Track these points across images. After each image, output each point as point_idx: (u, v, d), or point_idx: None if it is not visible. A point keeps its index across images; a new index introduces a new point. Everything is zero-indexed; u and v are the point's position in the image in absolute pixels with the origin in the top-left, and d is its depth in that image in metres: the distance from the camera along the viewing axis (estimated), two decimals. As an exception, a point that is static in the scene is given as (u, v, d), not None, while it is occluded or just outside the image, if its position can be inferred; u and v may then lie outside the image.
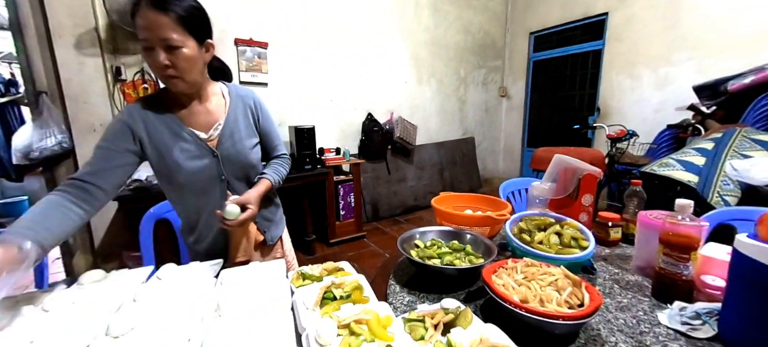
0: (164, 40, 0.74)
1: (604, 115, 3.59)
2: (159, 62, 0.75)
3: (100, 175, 0.78)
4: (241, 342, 0.52)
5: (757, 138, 1.85)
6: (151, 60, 0.76)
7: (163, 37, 0.73)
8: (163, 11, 0.72)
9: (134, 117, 0.83)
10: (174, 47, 0.75)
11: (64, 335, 0.56)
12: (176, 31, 0.74)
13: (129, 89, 2.29)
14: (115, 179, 0.80)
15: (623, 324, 0.65)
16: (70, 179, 0.76)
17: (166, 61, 0.75)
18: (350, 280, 0.70)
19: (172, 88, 0.82)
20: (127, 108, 0.85)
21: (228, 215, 0.81)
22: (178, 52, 0.76)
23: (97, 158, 0.79)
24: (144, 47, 0.76)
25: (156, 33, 0.73)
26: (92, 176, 0.77)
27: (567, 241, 0.85)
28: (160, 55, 0.75)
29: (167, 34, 0.73)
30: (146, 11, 0.72)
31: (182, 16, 0.75)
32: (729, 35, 2.69)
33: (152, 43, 0.74)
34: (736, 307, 0.58)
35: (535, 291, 0.63)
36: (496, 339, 0.53)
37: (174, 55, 0.76)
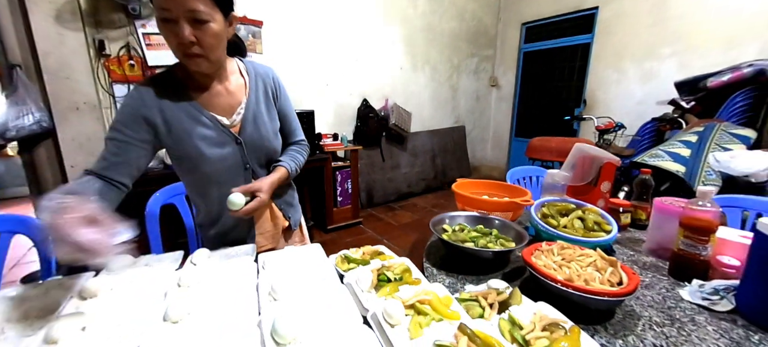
0: (191, 13, 0.64)
1: (590, 106, 3.74)
2: (183, 38, 0.65)
3: (115, 169, 0.71)
4: (309, 323, 0.52)
5: (735, 132, 2.00)
6: (171, 35, 0.66)
7: (190, 8, 0.64)
8: None
9: (147, 103, 0.74)
10: (201, 21, 0.66)
11: (117, 322, 0.54)
12: (204, 2, 0.65)
13: (113, 64, 2.14)
14: (132, 170, 0.74)
15: (652, 300, 0.70)
16: (88, 173, 0.70)
17: (192, 37, 0.66)
18: (398, 263, 0.71)
19: (193, 67, 0.72)
20: (139, 91, 0.75)
21: (231, 205, 0.74)
22: (205, 27, 0.67)
23: (110, 150, 0.72)
24: (163, 19, 0.65)
25: (182, 4, 0.63)
26: (109, 170, 0.71)
27: (590, 225, 0.90)
28: (184, 30, 0.65)
29: (194, 4, 0.64)
30: None
31: None
32: (710, 34, 2.85)
33: (175, 15, 0.64)
34: (755, 283, 0.64)
35: (577, 271, 0.67)
36: (553, 315, 0.56)
37: (200, 30, 0.67)
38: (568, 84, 4.02)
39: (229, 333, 0.51)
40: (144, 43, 2.20)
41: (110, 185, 0.71)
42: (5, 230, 0.95)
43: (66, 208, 0.51)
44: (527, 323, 0.53)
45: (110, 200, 0.69)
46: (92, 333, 0.51)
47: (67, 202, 0.52)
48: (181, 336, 0.49)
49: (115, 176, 0.71)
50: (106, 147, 0.72)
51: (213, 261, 0.76)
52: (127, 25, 2.14)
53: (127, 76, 2.18)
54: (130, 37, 2.16)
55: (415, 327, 0.52)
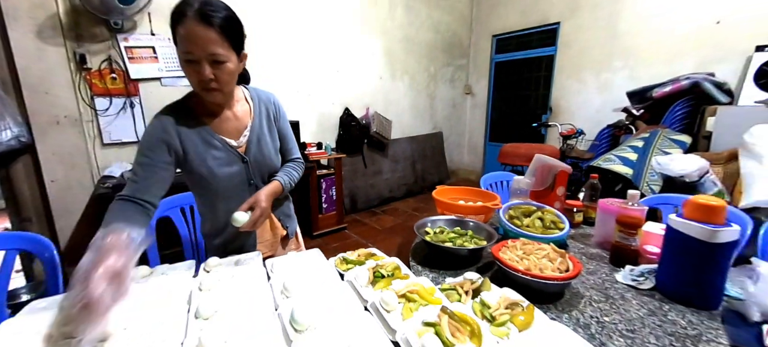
0: (212, 56, 0.74)
1: (556, 113, 4.05)
2: (204, 76, 0.75)
3: (147, 190, 0.79)
4: (319, 313, 0.64)
5: (674, 138, 2.29)
6: (193, 73, 0.76)
7: (210, 52, 0.73)
8: (210, 25, 0.72)
9: (169, 131, 0.83)
10: (219, 62, 0.76)
11: (154, 322, 0.63)
12: (222, 46, 0.75)
13: (95, 78, 2.14)
14: (160, 191, 0.82)
15: (593, 283, 0.87)
16: (124, 198, 0.78)
17: (211, 75, 0.75)
18: (389, 262, 0.84)
19: (210, 99, 0.82)
20: (160, 120, 0.84)
21: (235, 222, 0.83)
22: (222, 67, 0.76)
23: (139, 174, 0.80)
24: (186, 61, 0.75)
25: (203, 48, 0.73)
26: (140, 192, 0.78)
27: (548, 224, 1.07)
28: (205, 70, 0.74)
29: (214, 49, 0.74)
30: (193, 24, 0.71)
31: (226, 30, 0.75)
32: (654, 49, 3.21)
33: (198, 57, 0.73)
34: (668, 266, 0.82)
35: (534, 262, 0.83)
36: (514, 297, 0.71)
37: (218, 69, 0.76)
38: (536, 92, 4.33)
39: (254, 324, 0.62)
40: (126, 57, 2.21)
41: (141, 210, 0.78)
42: (12, 247, 0.99)
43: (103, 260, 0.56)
44: (494, 303, 0.68)
45: (142, 226, 0.75)
46: (135, 332, 0.60)
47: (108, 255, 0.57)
48: (214, 329, 0.59)
49: (146, 196, 0.78)
50: (135, 172, 0.80)
51: (224, 267, 0.86)
52: (108, 38, 2.15)
53: (109, 89, 2.18)
54: (111, 51, 2.16)
55: (407, 311, 0.65)
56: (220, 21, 0.74)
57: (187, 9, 0.71)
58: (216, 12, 0.73)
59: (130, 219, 0.73)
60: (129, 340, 0.58)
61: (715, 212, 0.73)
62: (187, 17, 0.71)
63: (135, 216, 0.76)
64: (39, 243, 1.00)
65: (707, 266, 0.74)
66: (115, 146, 2.27)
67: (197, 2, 0.72)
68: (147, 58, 2.29)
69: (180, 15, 0.72)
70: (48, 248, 1.00)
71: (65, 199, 2.06)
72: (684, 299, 0.77)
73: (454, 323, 0.60)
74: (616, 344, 0.65)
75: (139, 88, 2.29)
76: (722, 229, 0.71)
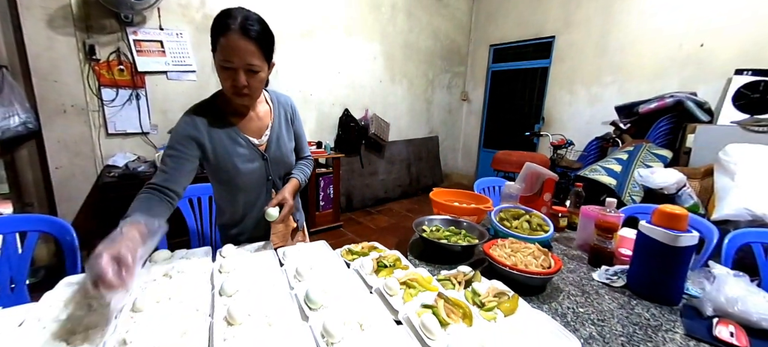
0: (249, 66, 0.82)
1: (548, 124, 4.19)
2: (239, 83, 0.83)
3: (175, 180, 0.86)
4: (330, 294, 0.72)
5: (656, 152, 2.43)
6: (229, 79, 0.83)
7: (248, 62, 0.82)
8: (250, 38, 0.80)
9: (199, 128, 0.91)
10: (254, 71, 0.84)
11: (185, 296, 0.71)
12: (258, 57, 0.83)
13: (103, 69, 2.19)
14: (186, 182, 0.89)
15: (572, 280, 0.97)
16: (152, 186, 0.83)
17: (245, 82, 0.83)
18: (391, 253, 0.93)
19: (241, 102, 0.90)
20: (191, 118, 0.91)
21: (269, 217, 0.94)
22: (256, 75, 0.85)
23: (168, 165, 0.86)
24: (224, 67, 0.82)
25: (242, 58, 0.81)
26: (169, 181, 0.84)
27: (535, 226, 1.17)
28: (241, 78, 0.82)
29: (251, 60, 0.82)
30: (236, 36, 0.79)
31: (262, 43, 0.83)
32: (641, 67, 3.36)
33: (236, 66, 0.81)
34: (638, 266, 0.93)
35: (520, 259, 0.92)
36: (501, 288, 0.80)
37: (252, 78, 0.85)
38: (530, 102, 4.47)
39: (272, 302, 0.70)
40: (134, 50, 2.26)
41: (166, 201, 0.84)
42: (33, 229, 1.05)
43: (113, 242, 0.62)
44: (484, 292, 0.77)
45: (162, 216, 0.81)
46: (170, 304, 0.68)
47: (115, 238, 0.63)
48: (237, 305, 0.66)
49: (173, 186, 0.85)
50: (164, 162, 0.87)
51: (239, 254, 0.93)
52: (118, 30, 2.20)
53: (117, 80, 2.23)
54: (120, 43, 2.21)
55: (408, 296, 0.73)
56: (258, 35, 0.82)
57: (231, 22, 0.79)
58: (255, 26, 0.82)
59: (151, 210, 0.79)
60: (162, 313, 0.66)
61: (678, 219, 0.83)
62: (230, 29, 0.79)
63: (156, 208, 0.81)
64: (60, 226, 1.06)
65: (669, 266, 0.85)
66: (119, 137, 2.31)
67: (240, 16, 0.81)
68: (155, 51, 2.34)
69: (224, 27, 0.79)
70: (68, 232, 1.06)
71: (68, 186, 2.10)
72: (650, 295, 0.88)
73: (449, 306, 0.69)
74: (588, 330, 0.74)
75: (145, 80, 2.34)
76: (683, 234, 0.82)
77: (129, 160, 2.18)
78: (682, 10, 3.06)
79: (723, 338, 0.71)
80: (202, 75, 2.59)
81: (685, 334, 0.74)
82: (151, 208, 0.80)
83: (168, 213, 0.84)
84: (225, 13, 0.82)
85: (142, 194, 0.83)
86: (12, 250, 1.02)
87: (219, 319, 0.63)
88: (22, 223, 1.04)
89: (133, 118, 2.33)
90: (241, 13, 0.82)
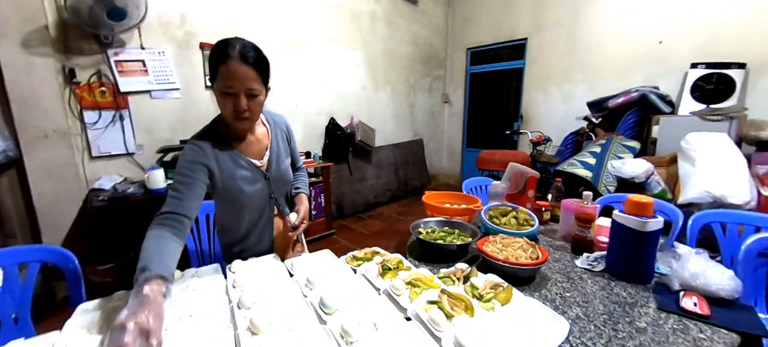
0: (249, 90, 0.87)
1: (526, 122, 4.38)
2: (240, 107, 0.87)
3: (187, 205, 0.87)
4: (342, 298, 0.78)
5: (626, 144, 2.62)
6: (230, 104, 0.87)
7: (248, 87, 0.87)
8: (249, 64, 0.86)
9: (206, 153, 0.94)
10: (254, 95, 0.89)
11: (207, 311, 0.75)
12: (257, 82, 0.89)
13: (84, 91, 2.15)
14: (196, 207, 0.90)
15: (558, 269, 1.06)
16: (166, 214, 0.83)
17: (246, 106, 0.88)
18: (393, 257, 0.99)
19: (241, 126, 0.94)
20: (198, 145, 0.93)
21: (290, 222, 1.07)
22: (255, 99, 0.90)
23: (184, 190, 0.87)
24: (225, 93, 0.87)
25: (243, 83, 0.86)
26: (182, 207, 0.85)
27: (521, 222, 1.27)
28: (242, 102, 0.87)
29: (252, 84, 0.87)
30: (236, 63, 0.84)
31: (260, 68, 0.89)
32: (607, 65, 3.59)
33: (237, 91, 0.86)
34: (614, 251, 1.03)
35: (511, 253, 1.01)
36: (496, 280, 0.88)
37: (252, 101, 0.89)
38: (508, 102, 4.66)
39: (289, 310, 0.75)
40: (116, 70, 2.23)
41: (180, 233, 0.83)
42: (35, 259, 1.05)
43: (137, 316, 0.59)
44: (482, 286, 0.85)
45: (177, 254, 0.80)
46: (192, 321, 0.72)
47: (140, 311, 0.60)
48: (259, 315, 0.71)
49: (186, 211, 0.86)
50: (176, 189, 0.88)
51: (249, 268, 0.97)
52: (98, 52, 2.17)
53: (99, 102, 2.19)
54: (101, 65, 2.18)
55: (414, 294, 0.80)
56: (255, 60, 0.88)
57: (231, 50, 0.85)
58: (252, 53, 0.88)
59: (166, 253, 0.76)
60: (186, 329, 0.69)
61: (645, 207, 0.94)
62: (230, 57, 0.84)
63: (171, 249, 0.78)
64: (62, 255, 1.06)
65: (640, 249, 0.96)
66: (104, 159, 2.27)
67: (238, 44, 0.86)
68: (137, 71, 2.32)
69: (224, 55, 0.85)
70: (71, 260, 1.06)
71: (52, 213, 2.04)
72: (625, 276, 0.98)
73: (452, 300, 0.76)
74: (575, 311, 0.83)
75: (128, 101, 2.31)
76: (650, 220, 0.92)
77: (116, 182, 2.15)
78: (641, 12, 3.30)
79: (688, 308, 0.82)
80: (186, 92, 2.58)
81: (657, 308, 0.85)
82: (166, 251, 0.77)
83: (180, 249, 0.82)
84: (223, 43, 0.87)
85: (155, 230, 0.81)
86: (14, 282, 1.01)
87: (243, 330, 0.68)
88: (22, 254, 1.04)
89: (118, 139, 2.29)
90: (238, 42, 0.87)
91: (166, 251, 0.77)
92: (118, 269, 1.99)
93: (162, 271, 0.70)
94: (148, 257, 0.72)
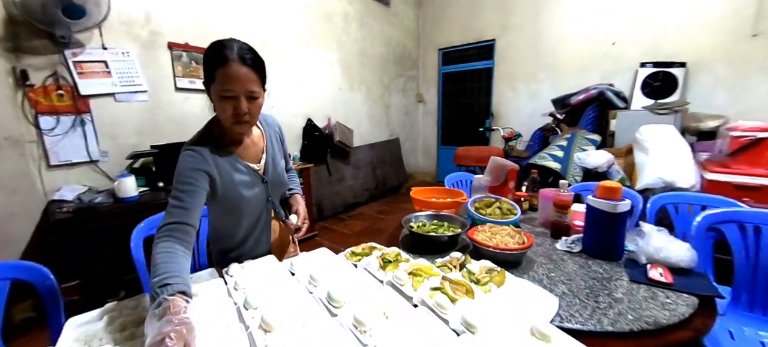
0: (249, 92, 0.86)
1: (497, 119, 4.59)
2: (241, 110, 0.85)
3: (192, 213, 0.85)
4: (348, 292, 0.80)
5: (588, 137, 2.84)
6: (230, 107, 0.85)
7: (249, 89, 0.86)
8: (249, 66, 0.85)
9: (208, 161, 0.91)
10: (253, 97, 0.88)
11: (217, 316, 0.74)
12: (256, 84, 0.87)
13: (39, 95, 1.98)
14: (199, 214, 0.88)
15: (541, 252, 1.15)
16: (172, 225, 0.81)
17: (247, 109, 0.86)
18: (390, 250, 1.02)
19: (241, 130, 0.93)
20: (197, 151, 0.90)
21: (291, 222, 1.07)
22: (255, 102, 0.89)
23: (187, 199, 0.85)
24: (225, 96, 0.85)
25: (244, 86, 0.84)
26: (188, 216, 0.83)
27: (505, 211, 1.35)
28: (243, 105, 0.85)
29: (252, 87, 0.86)
30: (236, 66, 0.83)
31: (259, 70, 0.88)
32: (568, 64, 3.86)
33: (237, 94, 0.85)
34: (589, 233, 1.13)
35: (499, 240, 1.08)
36: (490, 265, 0.94)
37: (252, 104, 0.88)
38: (479, 100, 4.85)
39: (297, 306, 0.76)
40: (75, 72, 2.08)
41: (188, 244, 0.81)
42: (5, 277, 0.97)
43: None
44: (477, 271, 0.91)
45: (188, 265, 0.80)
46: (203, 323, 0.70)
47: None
48: (269, 313, 0.71)
49: (191, 220, 0.83)
50: (178, 198, 0.85)
51: (246, 271, 0.96)
52: (54, 52, 2.00)
53: (56, 106, 2.03)
54: (58, 66, 2.02)
55: (416, 283, 0.84)
56: (254, 62, 0.87)
57: (229, 52, 0.83)
58: (250, 54, 0.87)
59: (181, 266, 0.76)
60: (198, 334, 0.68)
61: (614, 191, 1.05)
62: (229, 60, 0.82)
63: (183, 262, 0.77)
64: (36, 272, 0.99)
65: (612, 229, 1.06)
66: (63, 168, 2.09)
67: (236, 47, 0.85)
68: (99, 72, 2.17)
69: (222, 58, 0.83)
70: (47, 277, 0.99)
71: (7, 228, 1.86)
72: (600, 255, 1.09)
73: (453, 285, 0.81)
74: (560, 288, 0.91)
75: (90, 104, 2.15)
76: (619, 203, 1.03)
77: (79, 192, 2.00)
78: (595, 17, 3.58)
79: (655, 278, 0.92)
80: (154, 94, 2.45)
81: (629, 280, 0.95)
82: (183, 267, 0.76)
83: (190, 259, 0.81)
84: (219, 45, 0.85)
85: (164, 243, 0.78)
86: (-19, 303, 0.93)
87: (254, 329, 0.68)
88: (-9, 272, 0.96)
89: (79, 146, 2.13)
90: (235, 43, 0.86)
91: (183, 267, 0.76)
92: (86, 285, 1.86)
93: (183, 288, 0.70)
94: (165, 273, 0.71)
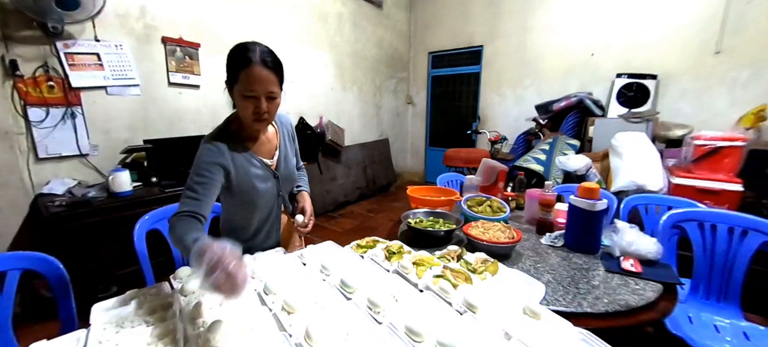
0: (269, 93, 0.91)
1: (483, 122, 4.76)
2: (261, 109, 0.90)
3: (206, 205, 0.89)
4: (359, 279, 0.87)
5: (569, 142, 3.02)
6: (251, 106, 0.90)
7: (269, 90, 0.91)
8: (269, 68, 0.90)
9: (223, 154, 0.95)
10: (272, 97, 0.93)
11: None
12: (276, 85, 0.92)
13: (29, 86, 1.94)
14: (210, 207, 0.92)
15: (528, 247, 1.26)
16: (185, 213, 0.85)
17: (266, 108, 0.91)
18: (393, 243, 1.11)
19: (259, 127, 0.98)
20: (215, 145, 0.94)
21: (298, 222, 1.10)
22: (274, 102, 0.94)
23: (198, 191, 0.89)
24: (247, 96, 0.90)
25: (265, 87, 0.89)
26: (201, 207, 0.87)
27: (495, 209, 1.46)
28: (263, 104, 0.90)
29: (272, 88, 0.91)
30: (258, 68, 0.88)
31: (278, 72, 0.93)
32: (551, 72, 4.06)
33: (259, 94, 0.89)
34: (571, 230, 1.26)
35: (492, 234, 1.18)
36: (484, 257, 1.04)
37: (271, 103, 0.93)
38: (467, 103, 5.01)
39: (313, 292, 0.83)
40: (67, 63, 2.04)
41: (200, 223, 0.86)
42: (14, 267, 0.98)
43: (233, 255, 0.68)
44: (473, 261, 1.00)
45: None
46: (224, 309, 0.76)
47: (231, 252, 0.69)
48: (289, 297, 0.78)
49: (204, 211, 0.88)
50: (193, 189, 0.89)
51: (258, 261, 1.02)
52: (45, 43, 1.97)
53: (46, 98, 1.99)
54: (49, 57, 1.98)
55: (420, 271, 0.93)
56: (275, 64, 0.93)
57: (252, 55, 0.88)
58: (271, 57, 0.93)
59: (202, 232, 0.82)
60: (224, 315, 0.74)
61: (593, 192, 1.17)
62: (252, 62, 0.88)
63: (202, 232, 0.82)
64: (45, 262, 1.01)
65: (591, 226, 1.18)
66: (52, 161, 2.06)
67: (258, 50, 0.90)
68: (91, 65, 2.14)
69: (246, 60, 0.88)
70: (56, 267, 1.01)
71: (-8, 222, 1.82)
72: (580, 249, 1.21)
73: (454, 273, 0.90)
74: (546, 277, 1.02)
75: (81, 97, 2.12)
76: (597, 202, 1.16)
77: (69, 186, 1.97)
78: (576, 29, 3.79)
79: (627, 268, 1.05)
80: (147, 89, 2.43)
81: (605, 270, 1.07)
82: (202, 232, 0.82)
83: None
84: (242, 47, 0.91)
85: (184, 218, 0.84)
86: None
87: (278, 310, 0.74)
88: (2, 262, 0.97)
89: (69, 139, 2.09)
90: (257, 46, 0.91)
91: (201, 232, 0.82)
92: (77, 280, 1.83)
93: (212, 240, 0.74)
94: (192, 235, 0.77)
